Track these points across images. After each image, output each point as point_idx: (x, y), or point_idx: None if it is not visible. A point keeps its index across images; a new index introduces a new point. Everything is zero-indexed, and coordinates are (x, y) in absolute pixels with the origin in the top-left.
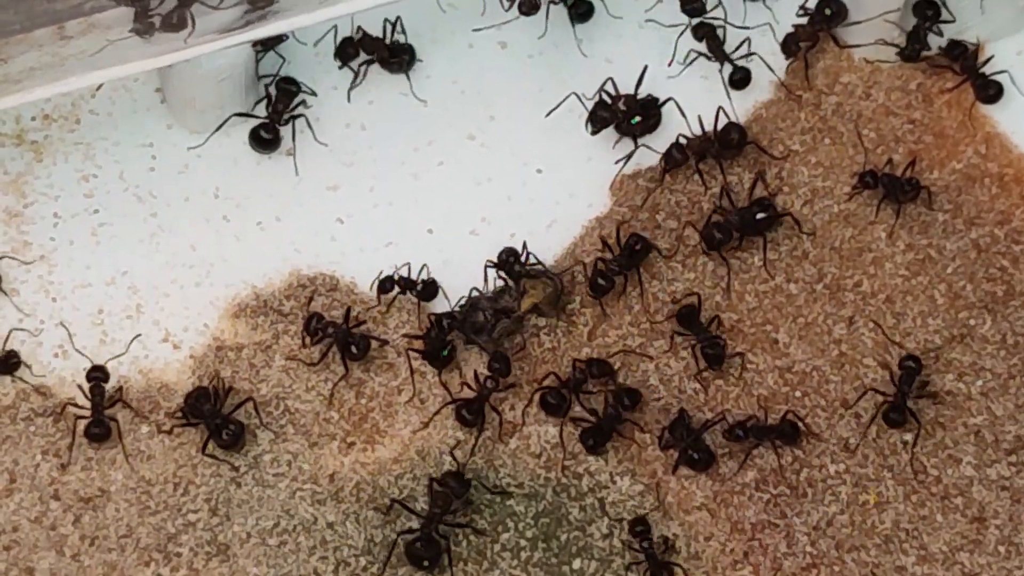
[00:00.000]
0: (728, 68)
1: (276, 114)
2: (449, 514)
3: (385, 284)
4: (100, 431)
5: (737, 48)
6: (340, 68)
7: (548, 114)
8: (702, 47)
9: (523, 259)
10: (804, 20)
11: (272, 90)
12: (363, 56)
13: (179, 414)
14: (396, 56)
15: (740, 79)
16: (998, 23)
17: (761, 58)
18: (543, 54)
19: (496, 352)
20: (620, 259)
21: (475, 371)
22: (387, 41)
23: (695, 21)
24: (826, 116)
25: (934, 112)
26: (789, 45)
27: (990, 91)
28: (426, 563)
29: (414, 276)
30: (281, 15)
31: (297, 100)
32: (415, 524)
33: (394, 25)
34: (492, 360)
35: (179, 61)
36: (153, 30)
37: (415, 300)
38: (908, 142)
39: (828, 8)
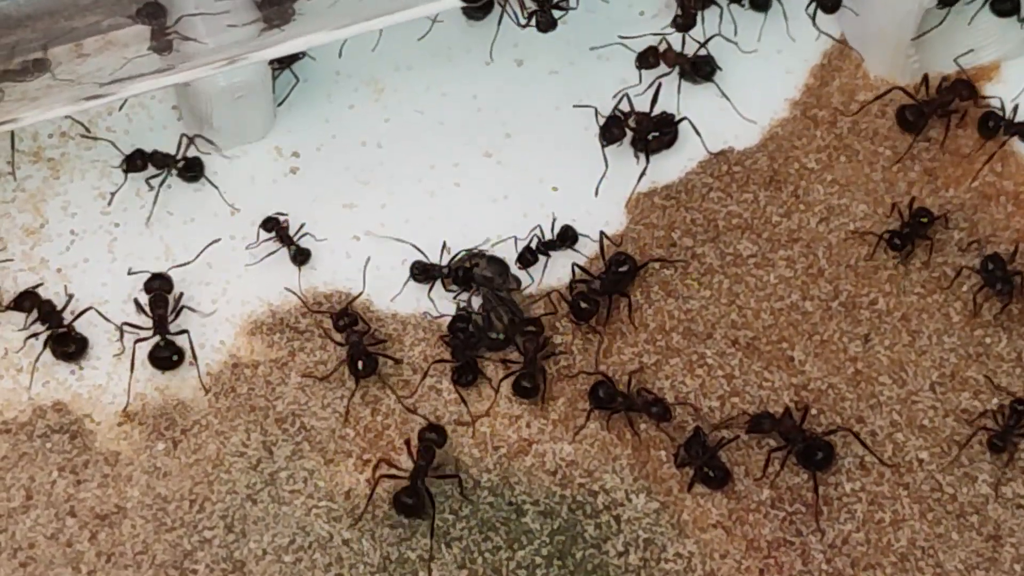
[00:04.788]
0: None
1: None
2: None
3: (268, 224)
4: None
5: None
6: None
7: (577, 106)
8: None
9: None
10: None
11: None
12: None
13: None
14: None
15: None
16: (1013, 44)
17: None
18: (559, 72)
19: (521, 320)
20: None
21: (517, 343)
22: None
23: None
24: (842, 134)
25: (950, 130)
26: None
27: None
28: (411, 509)
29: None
30: (297, 34)
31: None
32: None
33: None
34: (522, 325)
35: (196, 79)
36: (170, 48)
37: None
38: (924, 160)
39: None
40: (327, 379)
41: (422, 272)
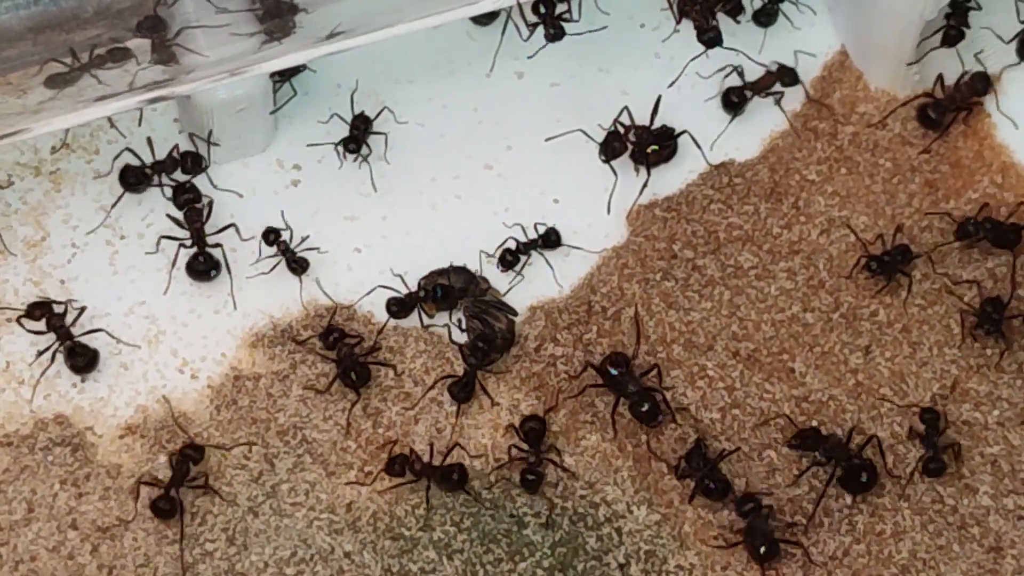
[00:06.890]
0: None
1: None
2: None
3: (268, 236)
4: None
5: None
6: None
7: (549, 139)
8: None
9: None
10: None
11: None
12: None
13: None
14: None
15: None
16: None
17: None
18: (560, 85)
19: (514, 313)
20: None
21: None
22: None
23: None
24: (842, 146)
25: (950, 141)
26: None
27: None
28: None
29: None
30: (298, 46)
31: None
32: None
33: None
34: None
35: (197, 91)
36: (172, 60)
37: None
38: (924, 171)
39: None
40: (328, 392)
41: (400, 308)
